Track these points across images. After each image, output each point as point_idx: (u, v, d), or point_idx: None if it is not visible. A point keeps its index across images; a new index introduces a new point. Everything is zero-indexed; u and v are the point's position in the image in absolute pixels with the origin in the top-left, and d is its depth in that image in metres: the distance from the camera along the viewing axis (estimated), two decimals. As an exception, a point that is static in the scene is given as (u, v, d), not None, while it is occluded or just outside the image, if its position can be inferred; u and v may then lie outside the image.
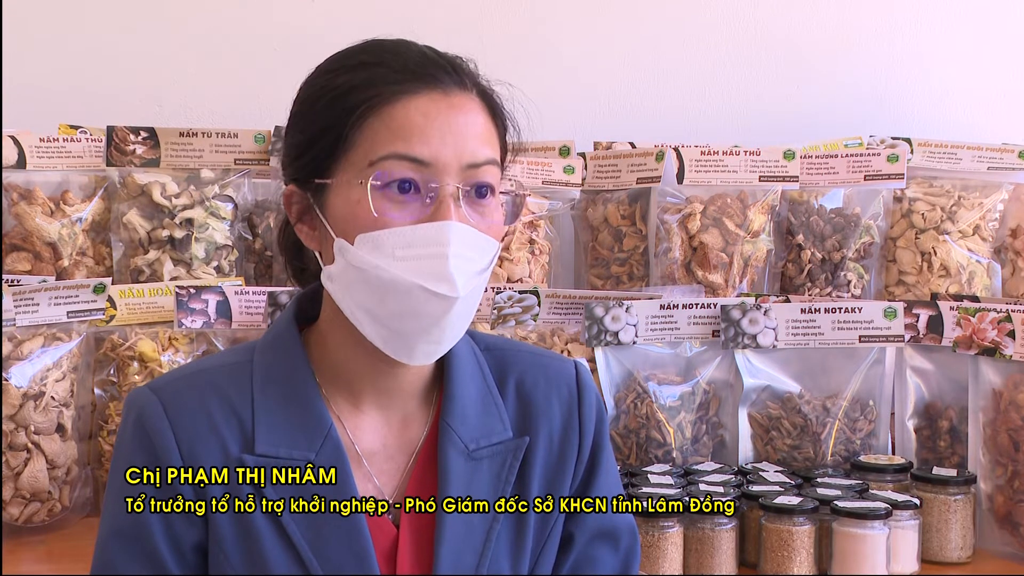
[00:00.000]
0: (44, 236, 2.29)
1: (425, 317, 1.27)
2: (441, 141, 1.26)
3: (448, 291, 1.26)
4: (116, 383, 2.16)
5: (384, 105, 1.27)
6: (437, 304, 1.26)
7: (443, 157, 1.26)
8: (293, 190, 1.34)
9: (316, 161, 1.30)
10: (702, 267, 2.44)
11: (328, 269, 1.31)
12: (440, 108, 1.28)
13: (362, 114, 1.27)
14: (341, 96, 1.29)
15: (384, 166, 1.26)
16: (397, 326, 1.28)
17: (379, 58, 1.30)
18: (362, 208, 1.26)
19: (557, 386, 1.43)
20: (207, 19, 2.68)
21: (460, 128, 1.28)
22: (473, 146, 1.28)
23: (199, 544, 1.31)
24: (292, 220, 1.36)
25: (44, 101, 2.56)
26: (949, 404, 2.26)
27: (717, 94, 2.86)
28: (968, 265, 2.52)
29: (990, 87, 2.92)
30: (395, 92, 1.27)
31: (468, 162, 1.28)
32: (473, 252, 1.28)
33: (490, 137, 1.32)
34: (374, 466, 1.35)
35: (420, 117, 1.27)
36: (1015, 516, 2.07)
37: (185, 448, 1.30)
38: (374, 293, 1.27)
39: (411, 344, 1.29)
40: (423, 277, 1.25)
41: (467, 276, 1.27)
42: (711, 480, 2.06)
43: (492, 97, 1.34)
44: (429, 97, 1.28)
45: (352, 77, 1.29)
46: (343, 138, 1.28)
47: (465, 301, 1.28)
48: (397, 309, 1.27)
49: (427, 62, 1.30)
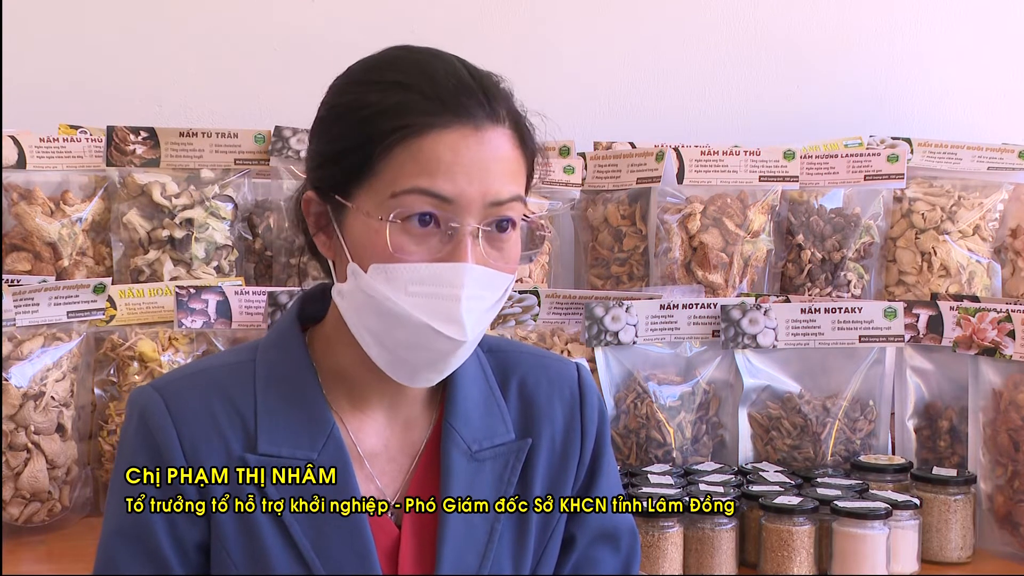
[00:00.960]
0: (44, 236, 2.29)
1: (432, 352, 1.27)
2: (467, 179, 1.24)
3: (457, 335, 1.25)
4: (116, 383, 2.16)
5: (413, 137, 1.24)
6: (444, 343, 1.26)
7: (467, 195, 1.24)
8: (313, 197, 1.33)
9: (339, 178, 1.28)
10: (702, 267, 2.44)
11: (340, 286, 1.31)
12: (470, 144, 1.25)
13: (390, 144, 1.24)
14: (370, 118, 1.26)
15: (406, 201, 1.24)
16: (403, 355, 1.28)
17: (411, 78, 1.26)
18: (379, 239, 1.24)
19: (559, 388, 1.43)
20: (207, 19, 2.68)
21: (488, 164, 1.25)
22: (499, 185, 1.26)
23: (201, 543, 1.31)
24: (310, 228, 1.34)
25: (44, 101, 2.56)
26: (949, 404, 2.26)
27: (717, 94, 2.86)
28: (968, 265, 2.52)
29: (990, 87, 2.92)
30: (425, 125, 1.24)
31: (492, 200, 1.25)
32: (486, 292, 1.27)
33: (517, 171, 1.29)
34: (376, 467, 1.36)
35: (449, 153, 1.24)
36: (1015, 516, 2.07)
37: (188, 447, 1.30)
38: (382, 322, 1.27)
39: (413, 372, 1.30)
40: (433, 317, 1.24)
41: (478, 316, 1.26)
42: (711, 480, 2.06)
43: (523, 125, 1.31)
44: (460, 132, 1.25)
45: (383, 98, 1.26)
46: (368, 163, 1.25)
47: (473, 342, 1.28)
48: (404, 340, 1.27)
49: (461, 90, 1.26)
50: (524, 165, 1.31)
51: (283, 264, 2.37)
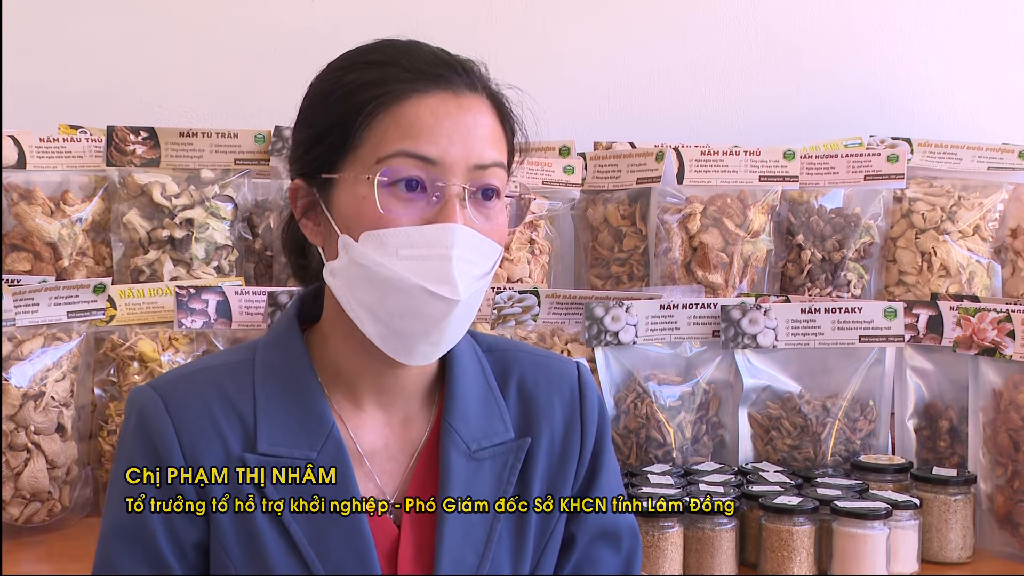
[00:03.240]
0: (44, 236, 2.29)
1: (425, 318, 1.27)
2: (449, 141, 1.27)
3: (450, 293, 1.26)
4: (116, 383, 2.16)
5: (394, 103, 1.27)
6: (438, 306, 1.26)
7: (451, 156, 1.27)
8: (299, 185, 1.34)
9: (324, 156, 1.30)
10: (702, 267, 2.44)
11: (331, 265, 1.32)
12: (450, 108, 1.28)
13: (372, 111, 1.27)
14: (352, 93, 1.29)
15: (392, 163, 1.26)
16: (397, 325, 1.28)
17: (391, 57, 1.31)
18: (368, 204, 1.26)
19: (559, 387, 1.43)
20: (207, 19, 2.68)
21: (469, 129, 1.28)
22: (481, 147, 1.29)
23: (200, 543, 1.31)
24: (297, 215, 1.36)
25: (44, 101, 2.56)
26: (949, 404, 2.26)
27: (717, 94, 2.85)
28: (968, 265, 2.52)
29: (990, 87, 2.92)
30: (406, 91, 1.28)
31: (475, 163, 1.28)
32: (476, 256, 1.28)
33: (498, 140, 1.32)
34: (375, 466, 1.36)
35: (430, 116, 1.27)
36: (1015, 516, 2.07)
37: (187, 447, 1.30)
38: (376, 291, 1.27)
39: (409, 345, 1.30)
40: (425, 278, 1.25)
41: (469, 279, 1.27)
42: (711, 480, 2.06)
43: (501, 100, 1.35)
44: (439, 97, 1.28)
45: (363, 75, 1.30)
46: (352, 134, 1.28)
47: (466, 304, 1.28)
48: (398, 308, 1.27)
49: (439, 62, 1.31)
50: (504, 139, 1.34)
51: (283, 264, 2.37)
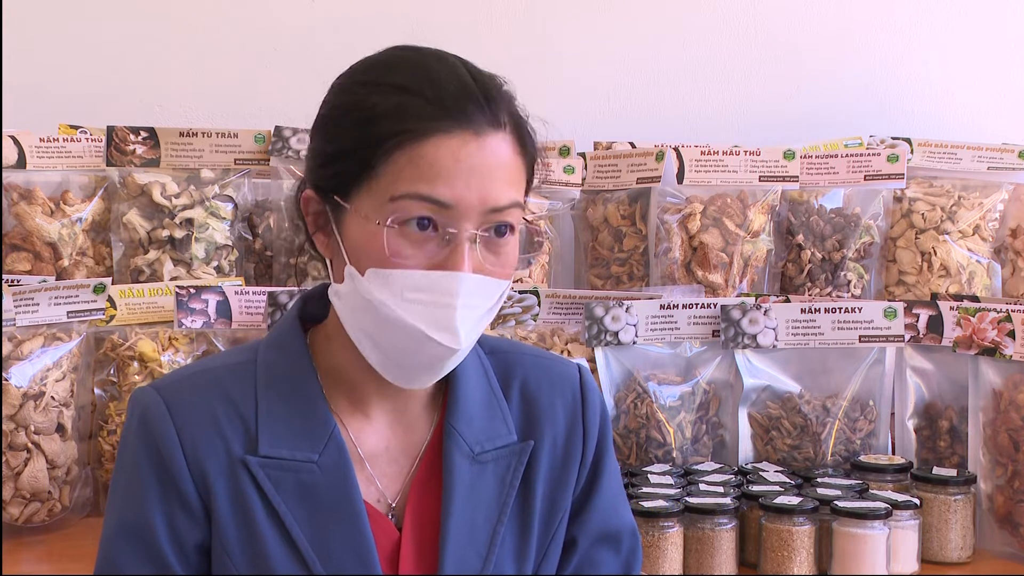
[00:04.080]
0: (44, 236, 2.29)
1: (426, 357, 1.27)
2: (466, 185, 1.24)
3: (450, 343, 1.26)
4: (116, 383, 2.16)
5: (413, 142, 1.24)
6: (438, 349, 1.26)
7: (466, 201, 1.24)
8: (312, 196, 1.32)
9: (339, 179, 1.28)
10: (702, 267, 2.44)
11: (336, 287, 1.31)
12: (470, 150, 1.24)
13: (390, 148, 1.24)
14: (371, 120, 1.25)
15: (404, 206, 1.24)
16: (397, 358, 1.28)
17: (413, 82, 1.26)
18: (376, 243, 1.24)
19: (561, 389, 1.42)
20: (207, 19, 2.68)
21: (487, 170, 1.25)
22: (498, 191, 1.25)
23: (202, 544, 1.31)
24: (309, 226, 1.34)
25: (44, 101, 2.56)
26: (949, 404, 2.26)
27: (717, 94, 2.85)
28: (968, 265, 2.52)
29: (990, 87, 2.92)
30: (426, 130, 1.23)
31: (491, 207, 1.25)
32: (482, 300, 1.27)
33: (517, 177, 1.29)
34: (377, 468, 1.35)
35: (449, 158, 1.23)
36: (1015, 516, 2.07)
37: (189, 448, 1.30)
38: (378, 326, 1.27)
39: (410, 375, 1.30)
40: (427, 324, 1.25)
41: (472, 324, 1.27)
42: (711, 480, 2.06)
43: (523, 129, 1.30)
44: (461, 138, 1.24)
45: (384, 100, 1.25)
46: (367, 166, 1.25)
47: (467, 348, 1.29)
48: (399, 344, 1.27)
49: (462, 95, 1.26)
50: (524, 170, 1.31)
51: (283, 264, 2.37)
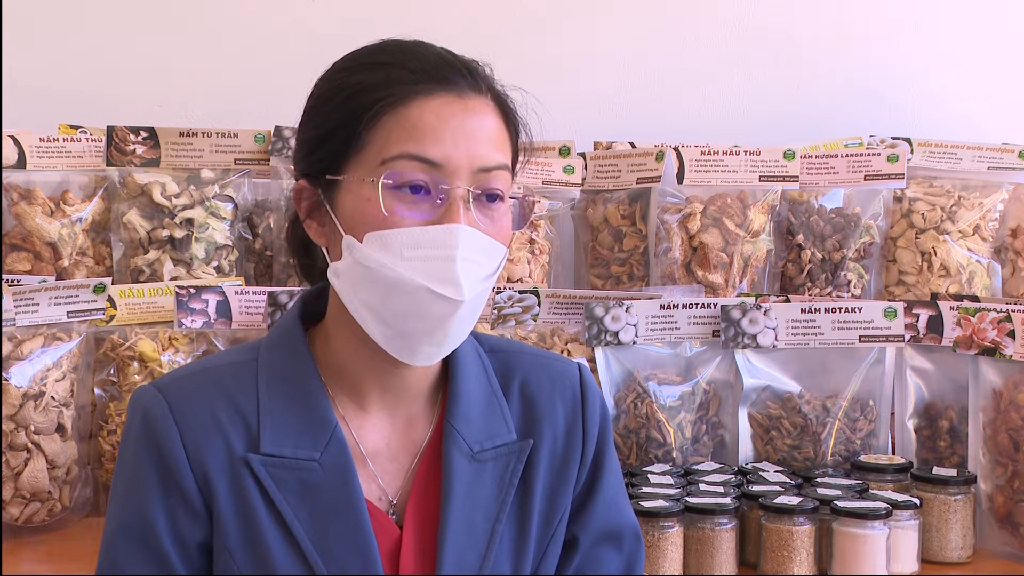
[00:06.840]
0: (44, 236, 2.29)
1: (429, 319, 1.27)
2: (453, 143, 1.27)
3: (454, 294, 1.26)
4: (116, 383, 2.16)
5: (398, 105, 1.27)
6: (442, 306, 1.26)
7: (455, 159, 1.27)
8: (304, 185, 1.34)
9: (328, 157, 1.30)
10: (702, 267, 2.44)
11: (335, 265, 1.32)
12: (454, 110, 1.28)
13: (376, 113, 1.27)
14: (356, 94, 1.29)
15: (396, 166, 1.26)
16: (401, 326, 1.28)
17: (395, 58, 1.30)
18: (372, 206, 1.26)
19: (561, 388, 1.43)
20: (207, 19, 2.68)
21: (473, 131, 1.28)
22: (485, 150, 1.29)
23: (204, 543, 1.31)
24: (301, 216, 1.36)
25: (44, 101, 2.56)
26: (949, 404, 2.26)
27: (717, 94, 2.85)
28: (968, 265, 2.52)
29: (990, 87, 2.92)
30: (410, 92, 1.27)
31: (479, 166, 1.28)
32: (481, 256, 1.28)
33: (502, 142, 1.32)
34: (378, 466, 1.36)
35: (434, 118, 1.27)
36: (1015, 516, 2.07)
37: (190, 447, 1.30)
38: (379, 291, 1.27)
39: (413, 346, 1.30)
40: (429, 279, 1.25)
41: (473, 280, 1.27)
42: (711, 480, 2.06)
43: (506, 102, 1.34)
44: (443, 99, 1.28)
45: (368, 76, 1.29)
46: (357, 136, 1.28)
47: (470, 305, 1.28)
48: (402, 309, 1.27)
49: (443, 64, 1.30)
50: (509, 141, 1.34)
51: (283, 264, 2.37)
